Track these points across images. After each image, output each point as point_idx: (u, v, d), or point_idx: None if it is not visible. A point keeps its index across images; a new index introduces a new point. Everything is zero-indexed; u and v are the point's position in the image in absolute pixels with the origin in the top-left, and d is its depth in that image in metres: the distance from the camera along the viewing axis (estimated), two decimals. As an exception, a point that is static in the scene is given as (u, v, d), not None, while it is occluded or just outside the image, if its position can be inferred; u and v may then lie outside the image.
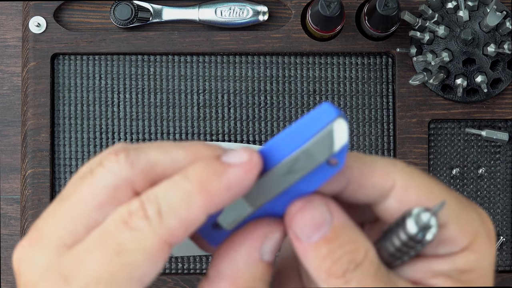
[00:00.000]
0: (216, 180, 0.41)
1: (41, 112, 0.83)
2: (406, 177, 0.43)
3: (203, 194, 0.41)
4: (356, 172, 0.43)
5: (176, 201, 0.41)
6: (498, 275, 0.84)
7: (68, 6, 0.84)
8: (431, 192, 0.43)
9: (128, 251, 0.40)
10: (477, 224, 0.43)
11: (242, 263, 0.42)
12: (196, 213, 0.41)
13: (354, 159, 0.43)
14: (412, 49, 0.82)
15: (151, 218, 0.40)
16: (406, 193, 0.43)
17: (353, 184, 0.43)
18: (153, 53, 0.84)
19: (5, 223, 0.86)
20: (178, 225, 0.40)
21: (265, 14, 0.84)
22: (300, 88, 0.84)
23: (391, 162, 0.43)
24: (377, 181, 0.43)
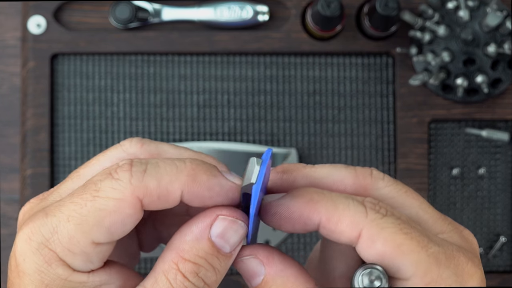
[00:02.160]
0: (206, 177, 0.44)
1: (41, 112, 0.83)
2: (374, 230, 0.44)
3: (189, 177, 0.44)
4: (324, 218, 0.45)
5: (164, 170, 0.44)
6: (498, 275, 0.84)
7: (68, 6, 0.84)
8: (399, 247, 0.44)
9: (103, 197, 0.43)
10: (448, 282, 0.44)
11: (190, 237, 0.45)
12: (175, 188, 0.44)
13: (327, 203, 0.45)
14: (412, 49, 0.82)
15: (134, 173, 0.44)
16: (371, 245, 0.44)
17: (322, 229, 0.45)
18: (153, 53, 0.84)
19: (4, 223, 0.86)
20: (155, 188, 0.43)
21: (265, 14, 0.83)
22: (300, 88, 0.84)
23: (363, 213, 0.44)
24: (343, 230, 0.44)
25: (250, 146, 0.83)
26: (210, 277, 0.45)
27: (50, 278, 0.44)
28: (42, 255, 0.44)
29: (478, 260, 0.46)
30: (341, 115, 0.84)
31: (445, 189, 0.84)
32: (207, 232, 0.45)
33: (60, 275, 0.44)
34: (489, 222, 0.84)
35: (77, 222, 0.43)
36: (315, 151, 0.84)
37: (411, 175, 0.83)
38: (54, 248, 0.44)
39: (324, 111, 0.84)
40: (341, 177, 0.48)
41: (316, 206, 0.45)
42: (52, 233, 0.44)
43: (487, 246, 0.84)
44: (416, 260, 0.44)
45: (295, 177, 0.48)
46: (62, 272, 0.44)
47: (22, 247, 0.44)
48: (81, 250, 0.44)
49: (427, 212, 0.47)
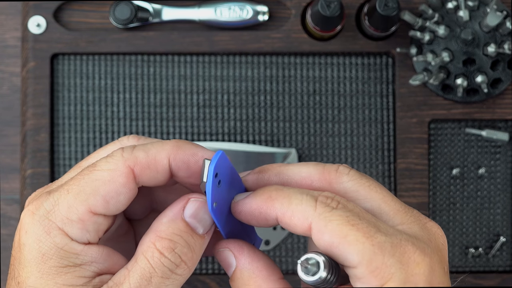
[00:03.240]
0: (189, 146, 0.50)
1: (41, 112, 0.83)
2: (321, 222, 0.48)
3: (173, 147, 0.50)
4: (279, 213, 0.49)
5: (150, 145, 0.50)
6: (498, 275, 0.84)
7: (68, 6, 0.84)
8: (345, 237, 0.47)
9: (99, 170, 0.49)
10: (393, 270, 0.47)
11: (167, 219, 0.50)
12: (163, 156, 0.49)
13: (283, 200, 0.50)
14: (412, 49, 0.82)
15: (125, 149, 0.50)
16: (320, 236, 0.48)
17: (280, 223, 0.50)
18: (153, 53, 0.84)
19: (4, 223, 0.86)
20: (144, 158, 0.49)
21: (265, 14, 0.83)
22: (300, 88, 0.84)
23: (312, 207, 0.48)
24: (296, 223, 0.49)
25: (250, 146, 0.83)
26: (186, 253, 0.49)
27: (47, 247, 0.48)
28: (42, 225, 0.48)
29: (431, 249, 0.49)
30: (341, 115, 0.84)
31: (445, 189, 0.84)
32: (181, 213, 0.50)
33: (57, 243, 0.48)
34: (489, 222, 0.84)
35: (75, 192, 0.48)
36: (315, 151, 0.84)
37: (411, 175, 0.83)
38: (54, 218, 0.48)
39: (324, 111, 0.84)
40: (309, 173, 0.52)
41: (273, 202, 0.50)
42: (53, 205, 0.48)
43: (487, 246, 0.84)
44: (361, 249, 0.47)
45: (269, 176, 0.52)
46: (60, 241, 0.48)
47: (25, 220, 0.49)
48: (78, 218, 0.48)
49: (388, 205, 0.51)
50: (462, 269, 0.84)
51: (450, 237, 0.84)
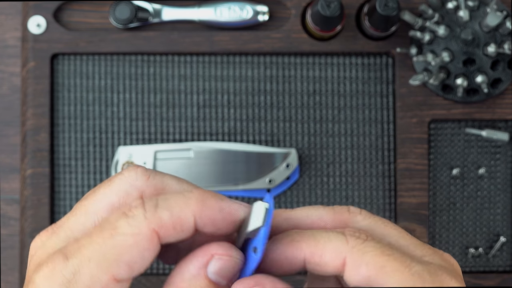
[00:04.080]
0: (214, 200, 0.47)
1: (41, 112, 0.83)
2: (356, 255, 0.46)
3: (198, 203, 0.46)
4: (308, 253, 0.47)
5: (173, 201, 0.46)
6: (498, 275, 0.84)
7: (68, 6, 0.84)
8: (382, 269, 0.46)
9: (121, 234, 0.45)
10: None
11: (188, 275, 0.47)
12: (187, 213, 0.46)
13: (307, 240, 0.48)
14: (412, 49, 0.82)
15: (147, 208, 0.46)
16: (356, 270, 0.46)
17: (308, 265, 0.47)
18: (152, 53, 0.84)
19: (4, 223, 0.86)
20: (169, 219, 0.46)
21: (265, 14, 0.83)
22: (300, 88, 0.84)
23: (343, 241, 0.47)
24: (328, 261, 0.47)
25: (250, 146, 0.83)
26: None
27: None
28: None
29: (461, 278, 0.48)
30: (341, 115, 0.84)
31: (445, 189, 0.84)
32: (204, 270, 0.47)
33: None
34: (489, 222, 0.84)
35: (98, 260, 0.45)
36: (315, 151, 0.84)
37: (411, 175, 0.83)
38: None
39: (324, 111, 0.84)
40: (320, 216, 0.50)
41: (298, 244, 0.47)
42: (74, 274, 0.46)
43: (487, 246, 0.84)
44: (400, 280, 0.45)
45: (277, 222, 0.50)
46: None
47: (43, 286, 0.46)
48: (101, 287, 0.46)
49: (406, 240, 0.49)
50: (462, 269, 0.84)
51: (450, 237, 0.84)
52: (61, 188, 0.83)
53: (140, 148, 0.83)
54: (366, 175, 0.84)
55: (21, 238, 0.83)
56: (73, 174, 0.83)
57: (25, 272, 0.82)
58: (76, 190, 0.83)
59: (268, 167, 0.83)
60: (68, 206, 0.83)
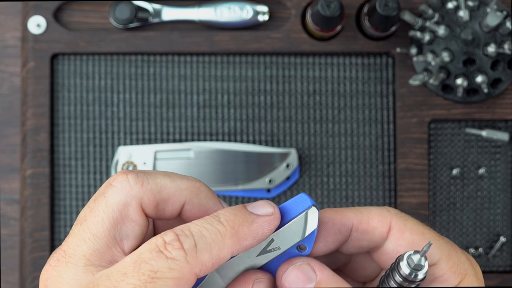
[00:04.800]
0: (247, 227, 0.47)
1: (41, 112, 0.83)
2: (401, 221, 0.49)
3: (234, 237, 0.47)
4: (355, 221, 0.50)
5: (210, 239, 0.46)
6: (498, 275, 0.84)
7: (68, 6, 0.84)
8: (423, 235, 0.49)
9: (163, 278, 0.44)
10: (466, 266, 0.49)
11: None
12: (226, 253, 0.46)
13: (351, 211, 0.50)
14: (412, 49, 0.82)
15: (187, 251, 0.45)
16: (401, 235, 0.49)
17: (355, 232, 0.50)
18: (152, 53, 0.84)
19: (4, 223, 0.86)
20: (209, 260, 0.46)
21: (265, 14, 0.83)
22: (300, 88, 0.84)
23: (385, 208, 0.50)
24: (376, 226, 0.50)
25: (250, 146, 0.83)
26: None
27: None
28: None
29: None
30: (341, 115, 0.84)
31: (445, 189, 0.84)
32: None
33: None
34: (489, 222, 0.84)
35: None
36: (315, 151, 0.84)
37: (411, 175, 0.83)
38: None
39: (324, 111, 0.84)
40: None
41: (345, 213, 0.50)
42: None
43: (487, 246, 0.84)
44: (439, 246, 0.49)
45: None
46: None
47: None
48: None
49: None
50: (462, 269, 0.84)
51: (450, 237, 0.84)
52: (61, 188, 0.83)
53: (140, 148, 0.83)
54: (366, 175, 0.84)
55: (21, 238, 0.83)
56: (73, 174, 0.83)
57: (25, 272, 0.82)
58: (76, 190, 0.83)
59: (268, 167, 0.83)
60: (68, 206, 0.83)
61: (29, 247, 0.82)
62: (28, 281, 0.82)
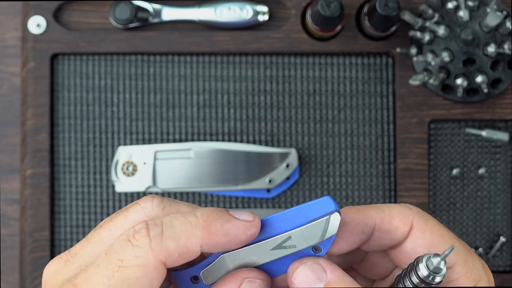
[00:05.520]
0: (219, 224, 0.47)
1: (41, 112, 0.83)
2: (422, 220, 0.49)
3: (204, 230, 0.47)
4: (378, 220, 0.49)
5: (179, 229, 0.46)
6: (498, 275, 0.84)
7: (68, 6, 0.84)
8: (442, 237, 0.49)
9: (128, 266, 0.45)
10: (481, 272, 0.49)
11: None
12: (193, 244, 0.46)
13: (372, 209, 0.50)
14: (412, 49, 0.82)
15: (153, 238, 0.46)
16: (421, 235, 0.49)
17: (378, 232, 0.49)
18: (152, 53, 0.84)
19: (4, 223, 0.86)
20: (175, 249, 0.46)
21: (265, 14, 0.83)
22: (300, 88, 0.84)
23: (407, 206, 0.50)
24: (398, 225, 0.49)
25: (250, 146, 0.83)
26: None
27: None
28: None
29: None
30: (341, 115, 0.84)
31: (445, 189, 0.84)
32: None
33: None
34: (489, 222, 0.84)
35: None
36: (315, 151, 0.84)
37: (411, 175, 0.83)
38: None
39: (324, 111, 0.84)
40: None
41: (367, 212, 0.49)
42: None
43: (487, 246, 0.84)
44: (456, 249, 0.48)
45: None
46: None
47: None
48: None
49: None
50: (462, 269, 0.84)
51: (450, 237, 0.84)
52: (61, 188, 0.83)
53: (140, 148, 0.83)
54: (366, 175, 0.84)
55: (21, 238, 0.83)
56: (73, 174, 0.83)
57: (25, 272, 0.82)
58: (76, 190, 0.83)
59: (268, 167, 0.83)
60: (68, 206, 0.83)
61: (29, 247, 0.82)
62: (28, 281, 0.82)
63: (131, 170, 0.83)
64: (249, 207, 0.83)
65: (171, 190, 0.83)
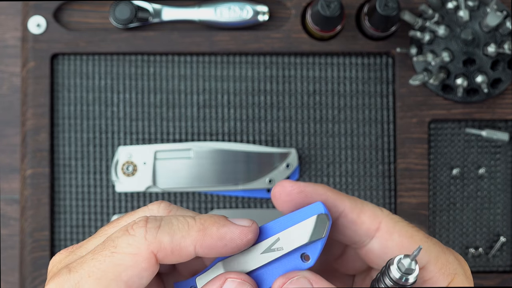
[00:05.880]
0: (215, 228, 0.48)
1: (41, 112, 0.83)
2: (391, 222, 0.49)
3: (200, 232, 0.48)
4: (347, 207, 0.50)
5: (176, 226, 0.48)
6: (498, 275, 0.84)
7: (68, 6, 0.84)
8: (412, 238, 0.49)
9: (120, 253, 0.47)
10: (455, 266, 0.49)
11: None
12: (187, 243, 0.47)
13: (347, 198, 0.50)
14: (412, 49, 0.82)
15: (149, 229, 0.47)
16: (389, 236, 0.49)
17: (343, 219, 0.50)
18: (152, 53, 0.84)
19: (4, 223, 0.86)
20: (168, 243, 0.47)
21: (265, 14, 0.83)
22: (300, 88, 0.84)
23: (378, 207, 0.50)
24: (365, 220, 0.50)
25: (250, 146, 0.83)
26: None
27: None
28: None
29: None
30: (341, 115, 0.84)
31: (445, 189, 0.84)
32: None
33: None
34: (489, 222, 0.84)
35: (97, 277, 0.47)
36: (315, 151, 0.84)
37: (411, 175, 0.83)
38: None
39: (324, 111, 0.84)
40: None
41: (342, 197, 0.50)
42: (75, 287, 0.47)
43: (487, 246, 0.84)
44: (427, 248, 0.49)
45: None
46: None
47: None
48: None
49: None
50: (462, 269, 0.84)
51: (450, 237, 0.84)
52: (61, 188, 0.83)
53: (140, 148, 0.83)
54: (366, 175, 0.84)
55: (21, 238, 0.83)
56: (73, 174, 0.83)
57: (25, 272, 0.83)
58: (76, 190, 0.83)
59: (268, 167, 0.83)
60: (68, 206, 0.83)
61: (29, 247, 0.82)
62: (28, 281, 0.82)
63: (131, 170, 0.83)
64: (249, 207, 0.83)
65: (171, 190, 0.83)
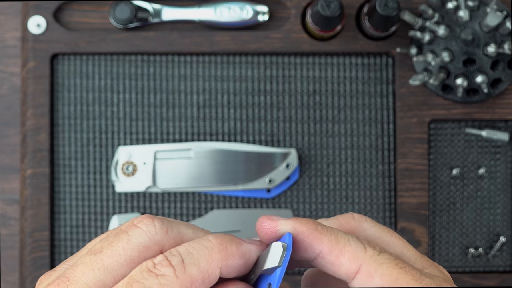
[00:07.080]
0: (235, 246, 0.48)
1: (41, 112, 0.83)
2: (373, 265, 0.47)
3: (222, 252, 0.47)
4: (326, 249, 0.48)
5: (197, 254, 0.47)
6: (498, 275, 0.84)
7: (68, 6, 0.84)
8: (396, 281, 0.47)
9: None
10: None
11: None
12: (214, 266, 0.47)
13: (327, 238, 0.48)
14: (412, 49, 0.82)
15: (176, 266, 0.46)
16: (370, 280, 0.47)
17: (321, 260, 0.48)
18: (152, 53, 0.84)
19: (4, 223, 0.86)
20: (198, 274, 0.46)
21: (265, 14, 0.83)
22: (300, 88, 0.84)
23: (363, 247, 0.47)
24: (344, 262, 0.47)
25: (250, 146, 0.83)
26: None
27: None
28: None
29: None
30: (341, 115, 0.84)
31: (445, 189, 0.84)
32: None
33: None
34: (489, 222, 0.84)
35: None
36: (315, 151, 0.84)
37: (411, 175, 0.83)
38: None
39: (324, 111, 0.84)
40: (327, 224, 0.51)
41: (320, 236, 0.48)
42: None
43: (487, 246, 0.84)
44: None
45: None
46: None
47: None
48: None
49: (409, 250, 0.50)
50: (462, 269, 0.84)
51: (450, 237, 0.84)
52: (61, 188, 0.83)
53: (140, 148, 0.83)
54: (366, 175, 0.84)
55: (21, 238, 0.83)
56: (73, 174, 0.83)
57: (25, 272, 0.82)
58: (76, 190, 0.83)
59: (268, 167, 0.83)
60: (68, 206, 0.83)
61: (29, 247, 0.82)
62: (28, 281, 0.82)
63: (131, 170, 0.83)
64: (249, 207, 0.83)
65: (171, 190, 0.83)
